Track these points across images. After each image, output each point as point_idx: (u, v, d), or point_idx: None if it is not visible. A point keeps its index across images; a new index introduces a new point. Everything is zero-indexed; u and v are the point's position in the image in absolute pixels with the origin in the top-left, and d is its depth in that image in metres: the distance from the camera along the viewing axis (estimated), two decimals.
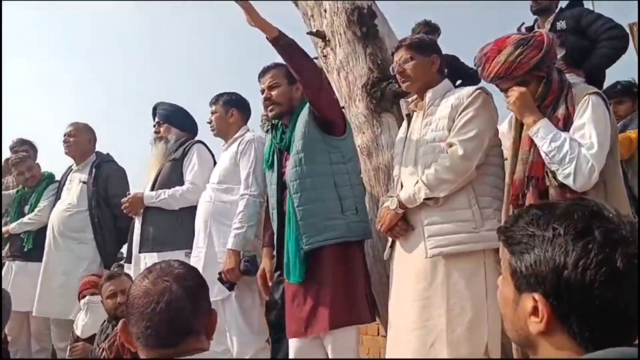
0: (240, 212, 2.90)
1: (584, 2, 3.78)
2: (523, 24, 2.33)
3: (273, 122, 2.78)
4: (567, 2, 3.77)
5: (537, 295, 0.85)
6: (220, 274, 2.84)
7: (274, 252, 2.74)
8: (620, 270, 0.80)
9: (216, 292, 2.85)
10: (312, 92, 2.48)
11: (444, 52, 2.58)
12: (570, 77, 3.34)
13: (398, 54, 2.46)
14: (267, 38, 2.38)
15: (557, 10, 3.75)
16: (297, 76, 2.48)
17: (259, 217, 2.93)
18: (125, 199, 3.45)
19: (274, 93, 2.68)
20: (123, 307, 1.68)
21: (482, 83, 2.35)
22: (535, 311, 0.86)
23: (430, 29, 4.43)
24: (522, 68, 2.09)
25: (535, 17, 3.85)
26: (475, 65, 2.25)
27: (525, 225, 0.90)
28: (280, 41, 2.36)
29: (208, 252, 2.99)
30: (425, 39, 2.51)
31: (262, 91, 2.73)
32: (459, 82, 2.92)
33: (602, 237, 0.82)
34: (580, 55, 3.39)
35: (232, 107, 3.22)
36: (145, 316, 1.30)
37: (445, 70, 2.54)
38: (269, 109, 2.71)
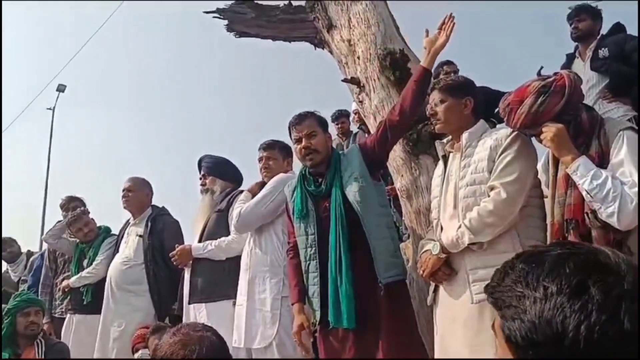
0: None
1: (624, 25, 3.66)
2: (542, 67, 2.29)
3: (303, 172, 2.76)
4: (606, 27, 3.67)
5: None
6: None
7: (307, 305, 2.68)
8: (629, 330, 0.71)
9: (258, 340, 2.89)
10: (401, 126, 2.58)
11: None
12: (616, 105, 3.24)
13: (432, 95, 2.47)
14: (422, 65, 2.55)
15: (598, 37, 3.65)
16: (404, 106, 2.54)
17: None
18: (174, 252, 3.53)
19: (313, 142, 2.68)
20: None
21: None
22: None
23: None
24: (546, 116, 2.05)
25: (576, 43, 3.75)
26: (499, 115, 2.22)
27: (513, 285, 0.80)
28: (428, 75, 2.53)
29: (249, 299, 3.01)
30: (458, 81, 2.48)
31: (298, 139, 2.71)
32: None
33: (601, 294, 0.72)
34: (624, 82, 3.27)
35: (289, 156, 3.31)
36: None
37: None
38: (307, 157, 2.68)
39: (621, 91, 3.28)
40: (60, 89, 16.75)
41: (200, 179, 3.72)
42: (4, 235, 5.73)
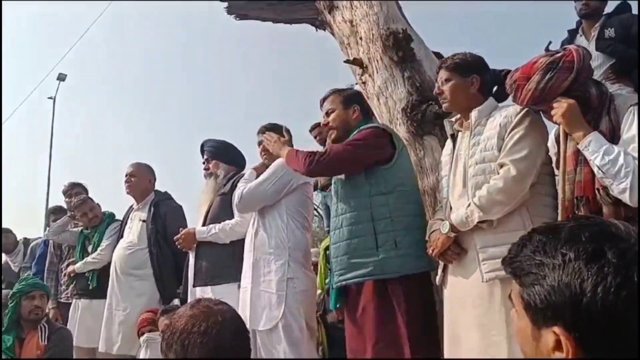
0: None
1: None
2: (550, 42, 2.25)
3: None
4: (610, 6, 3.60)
5: (557, 329, 0.78)
6: None
7: None
8: None
9: (264, 322, 2.88)
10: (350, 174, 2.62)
11: None
12: (619, 87, 3.20)
13: (439, 74, 2.44)
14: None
15: (604, 15, 3.58)
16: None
17: None
18: (178, 235, 3.53)
19: (330, 118, 2.78)
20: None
21: None
22: (558, 345, 0.79)
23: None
24: (554, 93, 2.02)
25: (579, 19, 3.68)
26: (507, 91, 2.20)
27: (532, 254, 0.84)
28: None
29: (254, 282, 3.01)
30: (465, 59, 2.42)
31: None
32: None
33: (616, 258, 0.76)
34: (629, 64, 3.23)
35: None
36: (213, 335, 1.33)
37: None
38: (329, 134, 2.81)
39: (625, 72, 3.24)
40: (61, 78, 16.73)
41: (204, 163, 3.70)
42: (9, 225, 5.74)
